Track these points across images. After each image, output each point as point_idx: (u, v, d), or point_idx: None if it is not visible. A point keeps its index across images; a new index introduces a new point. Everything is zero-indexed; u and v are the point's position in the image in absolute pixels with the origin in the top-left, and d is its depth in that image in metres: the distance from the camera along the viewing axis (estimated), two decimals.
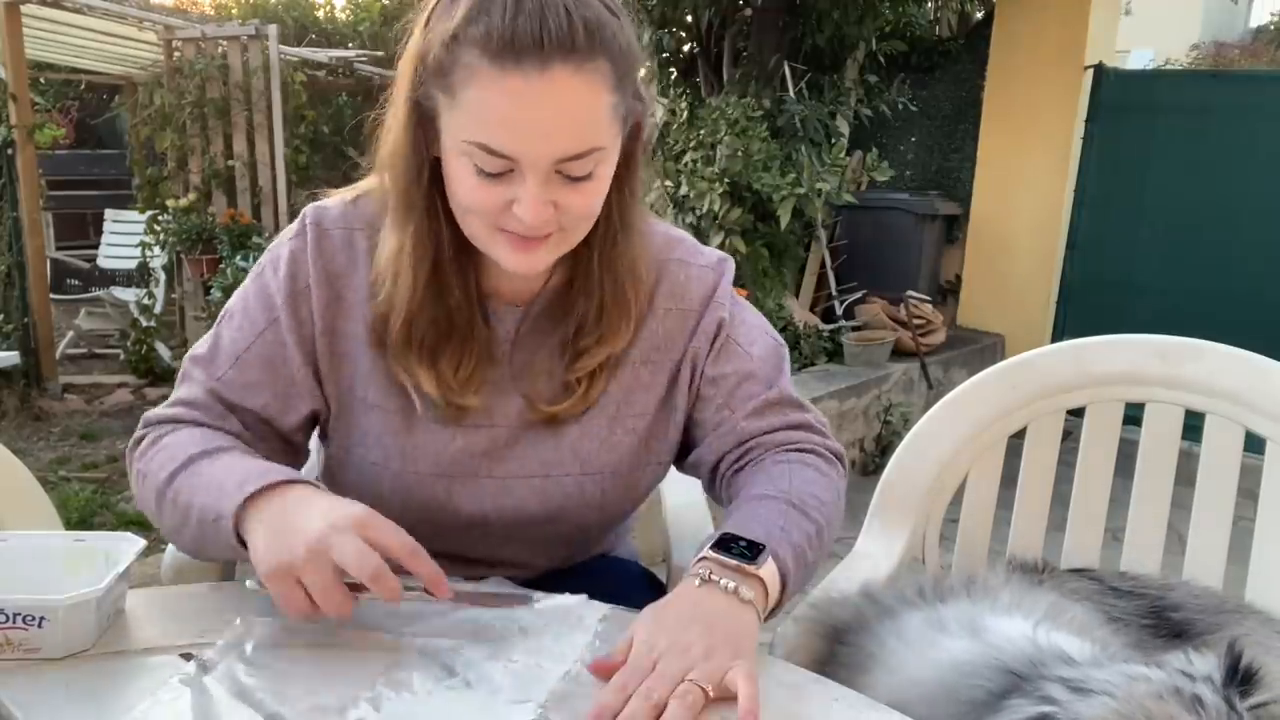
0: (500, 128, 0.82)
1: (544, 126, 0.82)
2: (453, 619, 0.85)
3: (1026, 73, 4.82)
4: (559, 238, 0.90)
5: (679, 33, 5.20)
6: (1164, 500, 1.23)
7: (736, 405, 1.04)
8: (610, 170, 0.90)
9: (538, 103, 0.81)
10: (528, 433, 1.01)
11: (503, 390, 1.00)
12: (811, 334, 4.29)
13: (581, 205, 0.88)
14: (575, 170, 0.85)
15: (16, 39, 4.52)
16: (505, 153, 0.83)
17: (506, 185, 0.85)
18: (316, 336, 0.99)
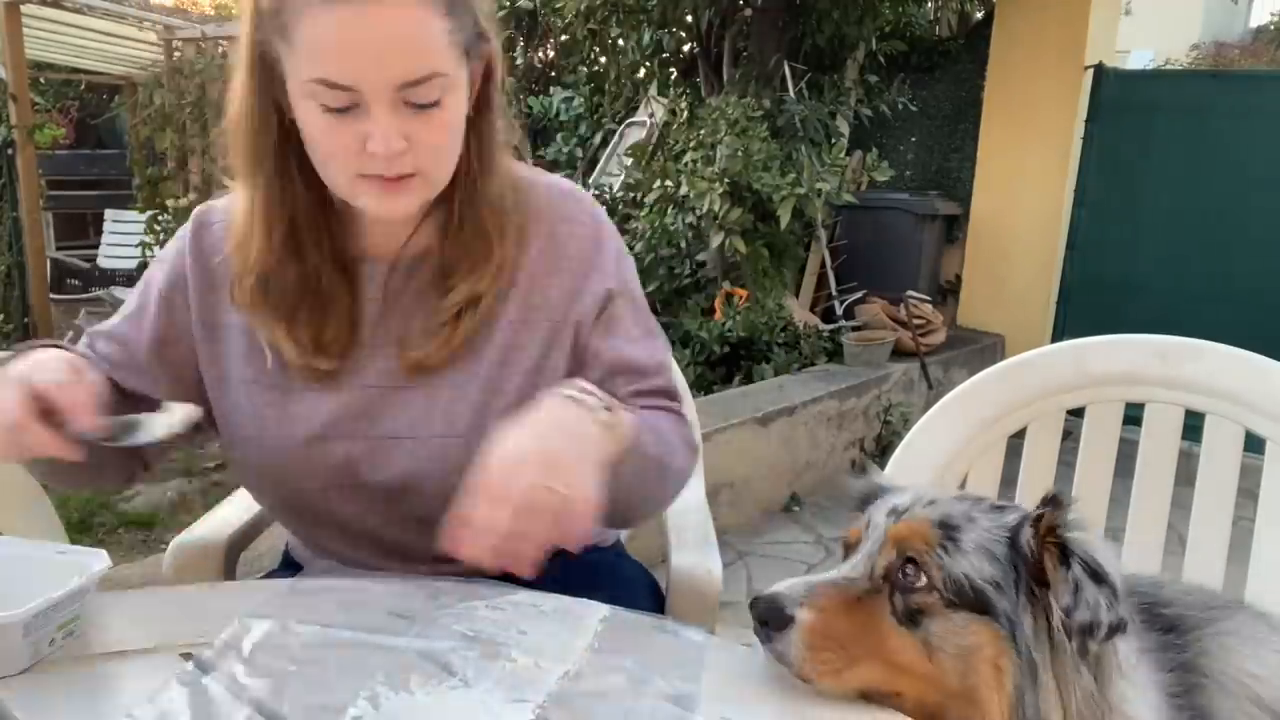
0: (336, 58, 0.84)
1: (377, 50, 0.84)
2: (452, 620, 0.84)
3: (1026, 73, 4.82)
4: (420, 181, 0.92)
5: (679, 33, 5.20)
6: (1164, 500, 1.23)
7: (618, 387, 1.02)
8: (460, 104, 0.92)
9: (369, 26, 0.83)
10: (401, 394, 1.01)
11: (376, 347, 1.01)
12: (811, 334, 4.29)
13: (433, 137, 0.90)
14: (420, 96, 0.87)
15: (16, 39, 4.52)
16: (345, 83, 0.85)
17: (356, 122, 0.87)
18: (194, 324, 1.04)
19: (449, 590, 0.91)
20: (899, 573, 0.80)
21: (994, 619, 0.78)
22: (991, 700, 0.77)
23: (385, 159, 0.88)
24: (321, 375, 1.00)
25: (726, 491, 3.36)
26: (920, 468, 1.29)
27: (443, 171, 0.95)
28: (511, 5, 5.67)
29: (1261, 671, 0.93)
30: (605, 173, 5.33)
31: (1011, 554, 0.80)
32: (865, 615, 0.79)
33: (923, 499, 0.86)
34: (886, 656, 0.77)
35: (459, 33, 0.89)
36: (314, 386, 1.01)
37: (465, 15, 0.90)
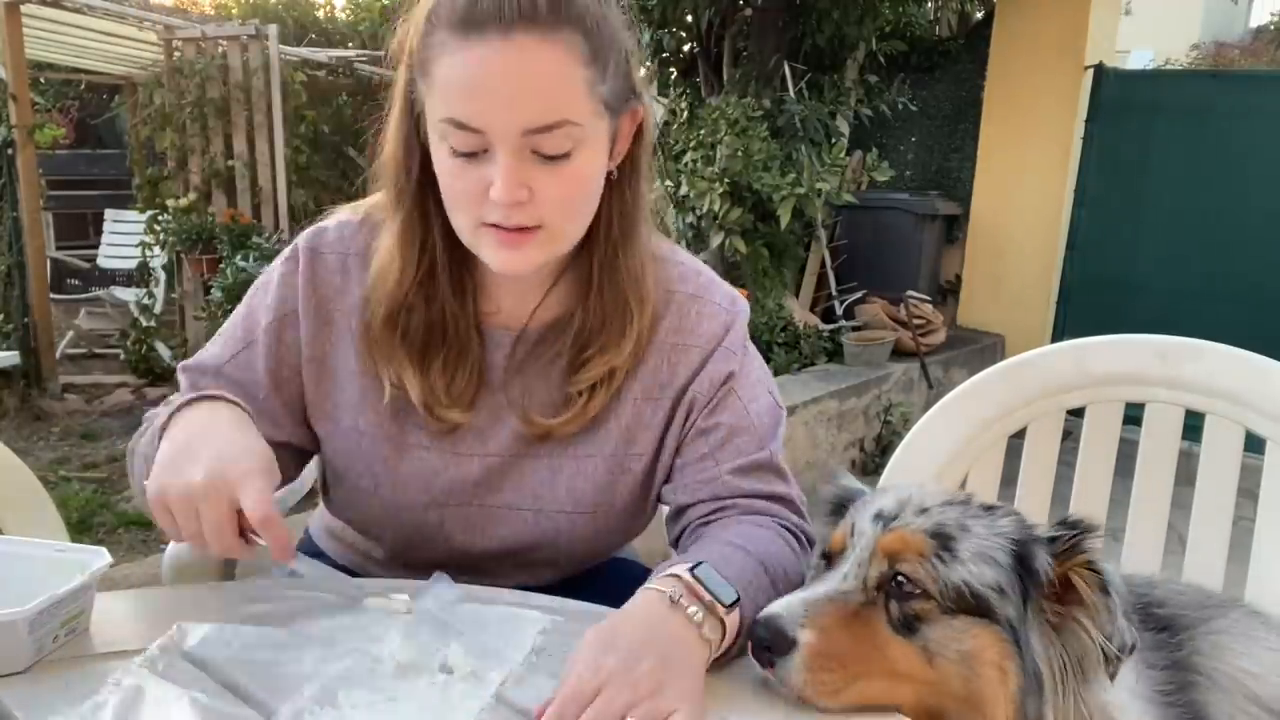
0: (466, 98, 0.83)
1: (507, 93, 0.82)
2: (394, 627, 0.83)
3: (1026, 73, 4.82)
4: (545, 236, 0.89)
5: (679, 33, 5.20)
6: (1164, 500, 1.23)
7: (724, 458, 0.99)
8: (594, 161, 0.89)
9: (501, 70, 0.81)
10: (522, 463, 0.99)
11: (498, 416, 0.99)
12: (811, 334, 4.29)
13: (560, 192, 0.87)
14: (547, 146, 0.84)
15: (16, 39, 4.52)
16: (472, 124, 0.83)
17: (482, 168, 0.85)
18: (303, 364, 1.00)
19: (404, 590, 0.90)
20: (892, 582, 0.79)
21: (995, 623, 0.77)
22: (997, 703, 0.77)
23: (505, 207, 0.85)
24: (444, 431, 0.98)
25: None
26: (920, 468, 1.29)
27: (569, 229, 0.91)
28: None
29: (1256, 669, 0.93)
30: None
31: (1015, 564, 0.79)
32: (863, 628, 0.78)
33: (910, 504, 0.85)
34: (887, 667, 0.77)
35: (600, 85, 0.85)
36: (429, 445, 0.98)
37: (612, 68, 0.86)
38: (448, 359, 0.97)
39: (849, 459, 4.01)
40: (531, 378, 0.99)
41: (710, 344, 1.00)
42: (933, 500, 0.85)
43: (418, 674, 0.76)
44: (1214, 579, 1.18)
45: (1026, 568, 0.79)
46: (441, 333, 0.96)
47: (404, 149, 0.91)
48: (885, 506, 0.85)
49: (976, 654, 0.77)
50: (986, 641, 0.77)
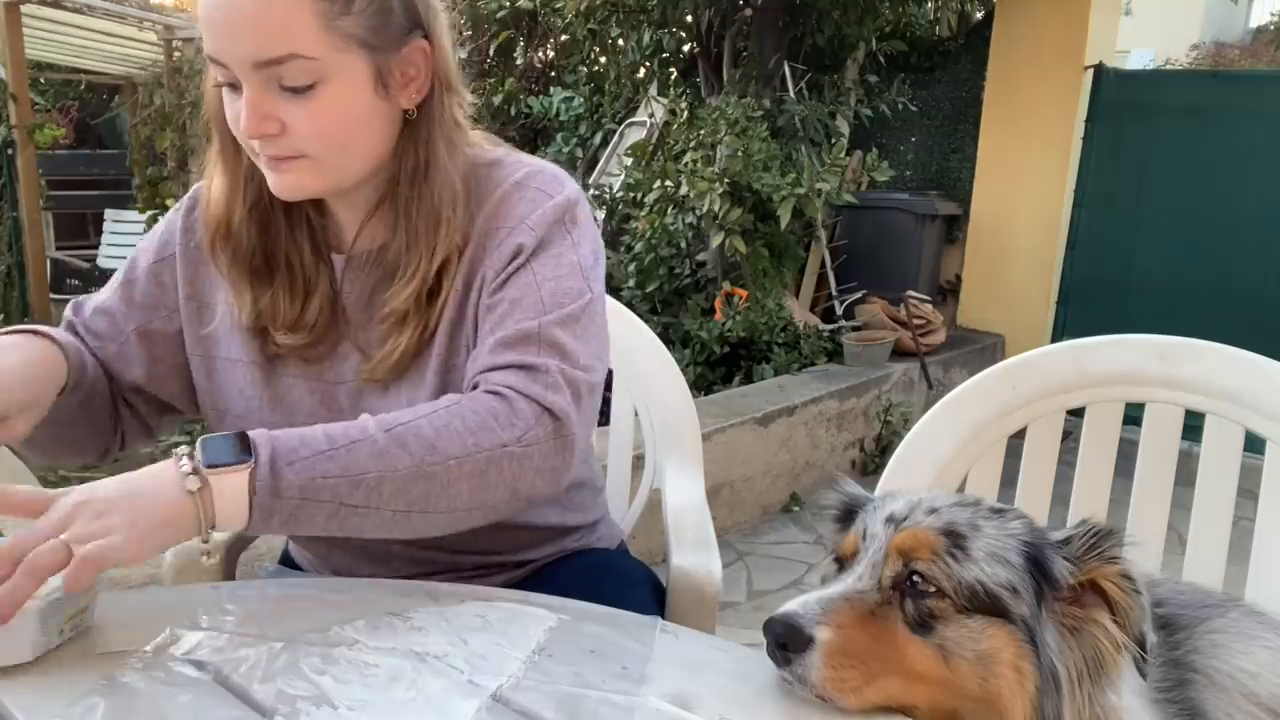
0: (207, 32, 0.87)
1: (233, 27, 0.86)
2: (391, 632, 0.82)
3: (1026, 73, 4.82)
4: (311, 164, 0.92)
5: (679, 33, 5.20)
6: (1164, 500, 1.23)
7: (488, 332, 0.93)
8: (351, 95, 0.90)
9: (225, 4, 0.85)
10: (370, 388, 1.01)
11: (350, 343, 1.01)
12: (811, 334, 4.29)
13: (311, 125, 0.89)
14: (286, 78, 0.87)
15: (16, 39, 4.52)
16: (215, 56, 0.87)
17: (239, 99, 0.89)
18: (181, 302, 1.05)
19: (407, 592, 0.90)
20: (907, 581, 0.80)
21: (1010, 622, 0.78)
22: (1015, 703, 0.76)
23: (252, 139, 0.90)
24: (305, 358, 1.01)
25: (726, 491, 3.36)
26: (920, 468, 1.29)
27: (339, 160, 0.93)
28: (511, 5, 5.67)
29: (1254, 667, 0.93)
30: (605, 173, 5.33)
31: (1027, 564, 0.80)
32: (880, 628, 0.78)
33: (921, 505, 0.85)
34: (905, 667, 0.77)
35: (341, 19, 0.87)
36: (295, 374, 1.02)
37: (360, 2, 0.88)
38: (284, 284, 1.00)
39: (849, 459, 4.01)
40: (361, 305, 1.01)
41: (517, 224, 0.96)
42: (943, 502, 0.86)
43: (416, 674, 0.76)
44: (1214, 579, 1.18)
45: (1041, 570, 0.80)
46: (271, 256, 1.00)
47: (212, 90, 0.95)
48: (896, 510, 0.85)
49: (993, 654, 0.77)
50: (1002, 641, 0.77)
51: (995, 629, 0.77)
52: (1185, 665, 0.93)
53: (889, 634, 0.78)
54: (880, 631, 0.78)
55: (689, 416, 1.44)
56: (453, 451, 0.83)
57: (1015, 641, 0.77)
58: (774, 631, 0.76)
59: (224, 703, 0.71)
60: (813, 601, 0.78)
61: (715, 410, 3.41)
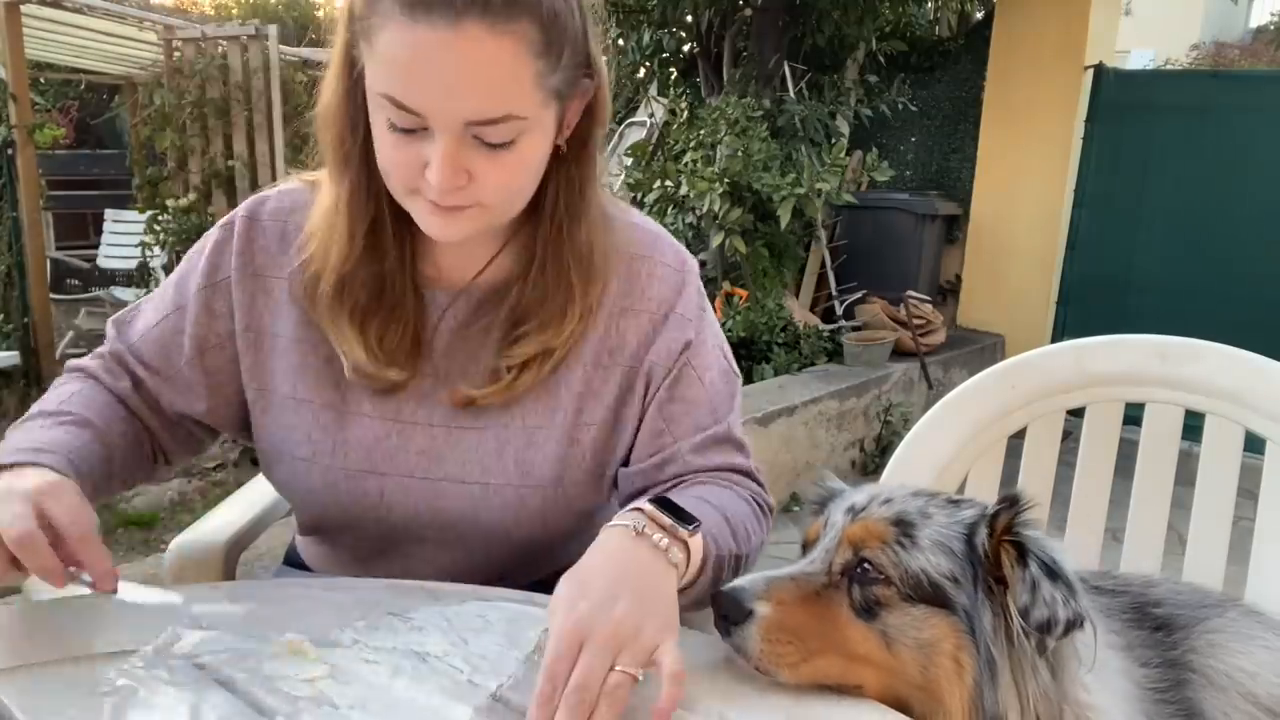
0: (407, 81, 0.79)
1: (450, 83, 0.78)
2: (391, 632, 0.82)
3: (1026, 73, 4.82)
4: (478, 211, 0.86)
5: (679, 33, 5.20)
6: (1164, 500, 1.23)
7: (680, 434, 0.97)
8: (540, 145, 0.86)
9: (446, 58, 0.77)
10: (467, 433, 0.96)
11: (439, 380, 0.97)
12: (811, 334, 4.29)
13: (500, 178, 0.84)
14: (491, 136, 0.81)
15: (16, 39, 4.52)
16: (412, 108, 0.79)
17: (420, 144, 0.82)
18: (238, 334, 0.99)
19: (408, 592, 0.90)
20: (857, 568, 0.81)
21: (953, 613, 0.79)
22: (952, 694, 0.78)
23: (441, 191, 0.83)
24: (386, 396, 0.95)
25: None
26: (920, 468, 1.29)
27: (506, 208, 0.89)
28: None
29: (1252, 667, 0.93)
30: (605, 173, 5.33)
31: (968, 550, 0.81)
32: (823, 608, 0.80)
33: (879, 497, 0.87)
34: (846, 648, 0.79)
35: (551, 75, 0.82)
36: (371, 412, 0.96)
37: (566, 57, 0.83)
38: (385, 318, 0.95)
39: (849, 459, 4.01)
40: (470, 344, 0.97)
41: (661, 309, 0.98)
42: (900, 493, 0.87)
43: (416, 674, 0.76)
44: (1214, 579, 1.18)
45: (974, 550, 0.81)
46: (381, 289, 0.94)
47: (346, 110, 0.88)
48: (857, 500, 0.88)
49: (933, 644, 0.78)
50: (943, 632, 0.78)
51: (937, 619, 0.79)
52: (1183, 665, 0.93)
53: (831, 615, 0.80)
54: (824, 612, 0.80)
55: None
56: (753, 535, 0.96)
57: (956, 632, 0.78)
58: (717, 603, 0.79)
59: (224, 703, 0.71)
60: (760, 578, 0.81)
61: None
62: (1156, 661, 0.91)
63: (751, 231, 4.22)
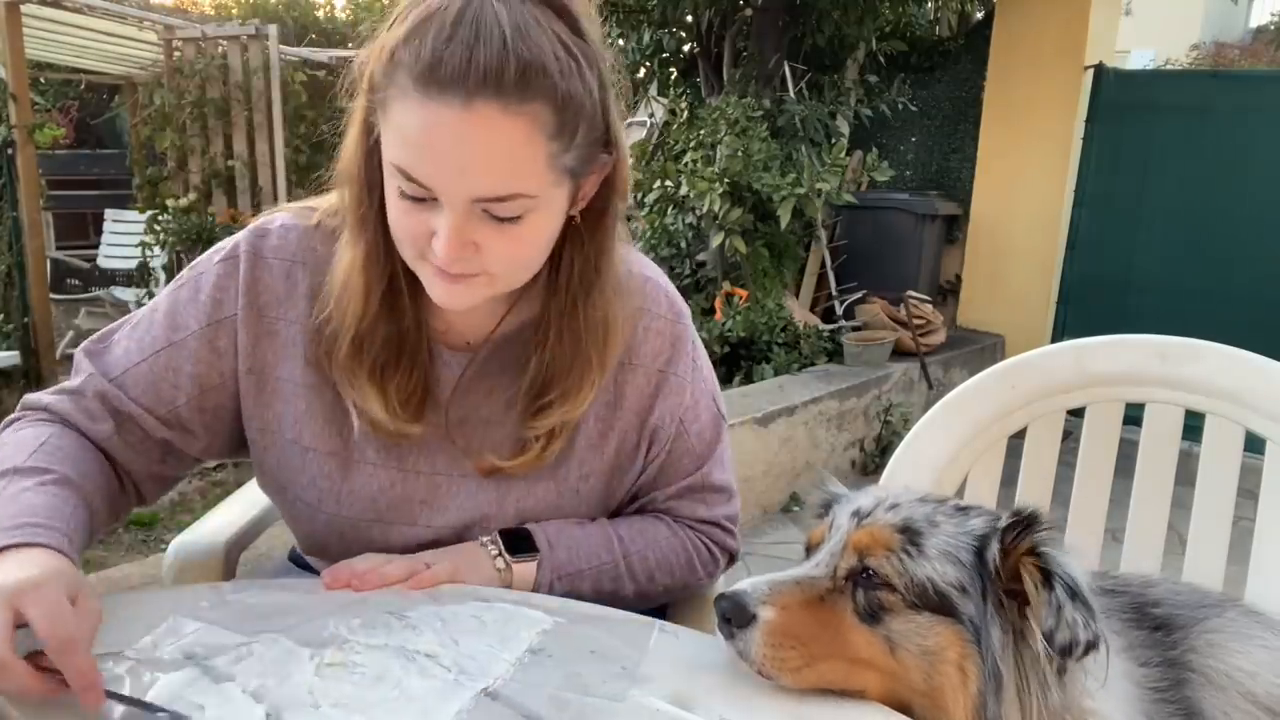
0: (419, 155, 0.79)
1: (461, 162, 0.78)
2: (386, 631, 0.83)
3: (1026, 73, 4.82)
4: (486, 280, 0.86)
5: (679, 33, 5.20)
6: (1164, 500, 1.23)
7: (661, 482, 1.06)
8: (551, 220, 0.86)
9: (457, 137, 0.77)
10: (469, 482, 0.98)
11: (442, 435, 0.97)
12: (811, 334, 4.29)
13: (507, 252, 0.84)
14: (499, 211, 0.81)
15: (16, 39, 4.52)
16: (422, 181, 0.80)
17: (429, 213, 0.82)
18: (241, 374, 0.96)
19: (409, 592, 0.90)
20: (861, 574, 0.81)
21: (958, 622, 0.78)
22: (956, 703, 0.77)
23: (446, 261, 0.83)
24: (392, 447, 0.96)
25: None
26: (920, 468, 1.29)
27: (513, 279, 0.90)
28: None
29: (1251, 666, 0.93)
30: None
31: (977, 561, 0.80)
32: (827, 613, 0.79)
33: (885, 502, 0.86)
34: (849, 653, 0.78)
35: (564, 155, 0.82)
36: (376, 461, 0.96)
37: (580, 136, 0.82)
38: (404, 371, 0.94)
39: (849, 459, 4.01)
40: (478, 401, 0.97)
41: (657, 365, 1.00)
42: (906, 498, 0.87)
43: (403, 673, 0.76)
44: (1214, 579, 1.18)
45: (984, 564, 0.80)
46: (400, 345, 0.94)
47: (361, 173, 0.88)
48: (863, 504, 0.87)
49: (938, 651, 0.78)
50: (948, 640, 0.78)
51: (942, 627, 0.78)
52: (1182, 665, 0.93)
53: (835, 620, 0.79)
54: (827, 617, 0.79)
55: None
56: (663, 582, 1.05)
57: (961, 641, 0.78)
58: (721, 606, 0.79)
59: (222, 701, 0.71)
60: (763, 582, 0.81)
61: None
62: (1156, 661, 0.92)
63: (751, 231, 4.22)
